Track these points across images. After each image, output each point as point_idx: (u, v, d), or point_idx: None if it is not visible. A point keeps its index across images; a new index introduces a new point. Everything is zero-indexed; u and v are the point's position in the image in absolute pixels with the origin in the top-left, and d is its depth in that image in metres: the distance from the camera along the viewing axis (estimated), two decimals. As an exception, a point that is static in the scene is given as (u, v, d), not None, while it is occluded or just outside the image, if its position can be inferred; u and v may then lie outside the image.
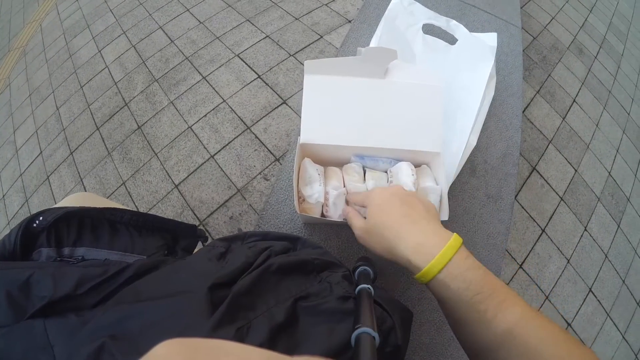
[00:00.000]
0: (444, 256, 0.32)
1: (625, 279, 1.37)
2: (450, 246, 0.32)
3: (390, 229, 0.36)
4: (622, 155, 1.62)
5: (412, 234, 0.35)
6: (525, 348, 0.28)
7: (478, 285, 0.31)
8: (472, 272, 0.31)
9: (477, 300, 0.30)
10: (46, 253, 0.37)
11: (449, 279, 0.31)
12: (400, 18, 0.70)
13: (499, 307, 0.30)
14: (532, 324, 0.29)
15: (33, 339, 0.28)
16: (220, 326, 0.26)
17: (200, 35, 1.70)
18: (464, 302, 0.31)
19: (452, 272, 0.31)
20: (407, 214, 0.36)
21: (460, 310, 0.31)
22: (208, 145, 1.39)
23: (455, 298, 0.31)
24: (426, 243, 0.33)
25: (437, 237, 0.34)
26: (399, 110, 0.52)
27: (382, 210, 0.37)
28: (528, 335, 0.28)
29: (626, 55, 1.97)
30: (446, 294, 0.32)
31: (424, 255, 0.33)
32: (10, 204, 1.49)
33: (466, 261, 0.32)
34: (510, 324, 0.29)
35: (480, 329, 0.30)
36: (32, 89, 1.80)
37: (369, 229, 0.38)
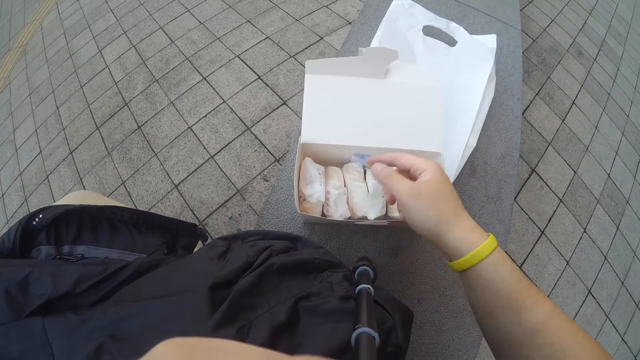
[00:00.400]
0: (492, 243, 0.33)
1: (625, 280, 1.37)
2: (492, 239, 0.34)
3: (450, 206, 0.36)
4: (622, 157, 1.62)
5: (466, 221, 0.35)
6: (551, 344, 0.29)
7: (518, 274, 0.32)
8: (510, 262, 0.33)
9: (518, 288, 0.31)
10: (45, 251, 0.37)
11: (498, 263, 0.32)
12: (401, 20, 0.71)
13: (537, 297, 0.31)
14: (560, 321, 0.30)
15: (31, 337, 0.28)
16: (221, 326, 0.26)
17: (200, 35, 1.70)
18: (508, 287, 0.31)
19: (499, 257, 0.33)
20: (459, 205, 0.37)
21: (502, 296, 0.32)
22: (208, 145, 1.39)
23: (500, 282, 0.32)
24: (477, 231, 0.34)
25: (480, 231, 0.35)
26: (399, 110, 0.52)
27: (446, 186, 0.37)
28: (555, 332, 0.29)
29: (625, 58, 1.98)
30: (492, 277, 0.32)
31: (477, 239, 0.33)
32: (10, 202, 1.49)
33: (504, 253, 0.34)
34: (542, 317, 0.30)
35: (520, 317, 0.31)
36: (32, 88, 1.80)
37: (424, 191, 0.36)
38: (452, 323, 0.59)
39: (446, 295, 0.60)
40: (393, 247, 0.61)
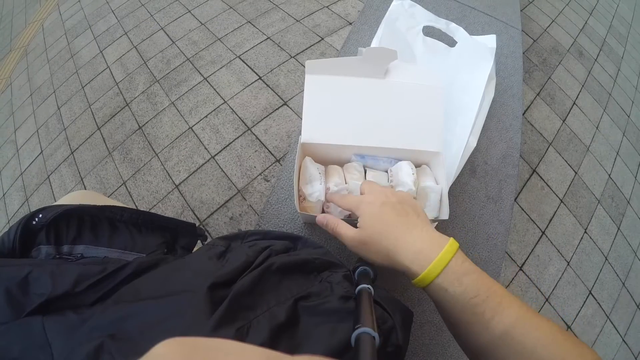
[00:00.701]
0: (441, 261, 0.32)
1: (625, 281, 1.37)
2: (446, 251, 0.33)
3: (388, 238, 0.36)
4: (622, 157, 1.62)
5: (410, 243, 0.35)
6: (522, 349, 0.28)
7: (475, 289, 0.31)
8: (468, 276, 0.32)
9: (474, 304, 0.31)
10: (45, 250, 0.37)
11: (446, 284, 0.32)
12: (401, 20, 0.71)
13: (496, 310, 0.30)
14: (529, 324, 0.29)
15: (31, 336, 0.28)
16: (220, 326, 0.26)
17: (201, 36, 1.71)
18: (461, 305, 0.31)
19: (449, 277, 0.32)
20: (402, 222, 0.36)
21: (458, 313, 0.32)
22: (209, 145, 1.39)
23: (452, 301, 0.32)
24: (424, 250, 0.34)
25: (434, 243, 0.34)
26: (399, 110, 0.52)
27: (378, 221, 0.37)
28: (525, 336, 0.29)
29: (626, 58, 1.98)
30: (444, 297, 0.33)
31: (422, 262, 0.33)
32: (11, 202, 1.49)
33: (462, 265, 0.33)
34: (507, 325, 0.29)
35: (478, 331, 0.31)
36: (33, 89, 1.81)
37: (365, 239, 0.37)
38: (452, 323, 0.59)
39: (446, 295, 0.60)
40: (393, 247, 0.61)
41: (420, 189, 0.50)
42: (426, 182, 0.50)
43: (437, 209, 0.51)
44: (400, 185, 0.49)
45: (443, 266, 0.32)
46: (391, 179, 0.52)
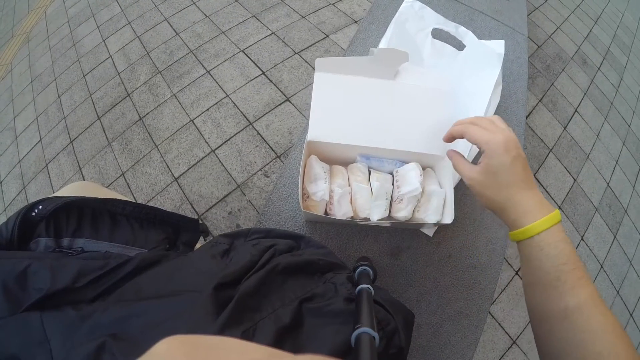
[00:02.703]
0: (546, 222, 0.34)
1: (620, 289, 1.38)
2: (553, 216, 0.35)
3: (509, 189, 0.37)
4: (622, 166, 1.62)
5: (525, 199, 0.37)
6: (586, 326, 0.30)
7: (565, 257, 0.33)
8: (563, 244, 0.34)
9: (561, 270, 0.33)
10: (44, 243, 0.37)
11: (543, 243, 0.34)
12: (411, 22, 0.70)
13: (576, 283, 0.32)
14: (598, 308, 0.31)
15: (29, 332, 0.27)
16: (226, 328, 0.25)
17: (205, 29, 1.69)
18: (550, 267, 0.33)
19: (548, 238, 0.34)
20: (525, 179, 0.38)
21: (544, 274, 0.34)
22: (209, 139, 1.38)
23: (543, 261, 0.34)
24: (534, 209, 0.36)
25: (544, 206, 0.36)
26: (407, 113, 0.52)
27: (507, 171, 0.37)
28: (591, 316, 0.31)
29: (629, 68, 1.98)
30: (537, 255, 0.34)
31: (530, 217, 0.35)
32: (8, 190, 1.48)
33: (561, 233, 0.35)
34: (581, 301, 0.31)
35: (555, 297, 0.33)
36: (34, 76, 1.79)
37: (486, 182, 0.39)
38: (449, 326, 0.59)
39: (445, 298, 0.60)
40: (393, 248, 0.61)
41: (425, 193, 0.50)
42: (431, 186, 0.50)
43: (440, 212, 0.51)
44: (407, 185, 0.49)
45: (547, 227, 0.34)
46: (397, 180, 0.51)
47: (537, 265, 0.34)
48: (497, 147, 0.37)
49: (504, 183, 0.37)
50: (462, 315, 0.60)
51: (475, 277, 0.62)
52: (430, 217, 0.50)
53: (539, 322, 0.35)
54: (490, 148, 0.38)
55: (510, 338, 1.17)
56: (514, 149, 0.37)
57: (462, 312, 0.60)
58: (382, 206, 0.49)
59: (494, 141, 0.38)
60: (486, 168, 0.38)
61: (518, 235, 0.36)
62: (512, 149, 0.37)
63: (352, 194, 0.49)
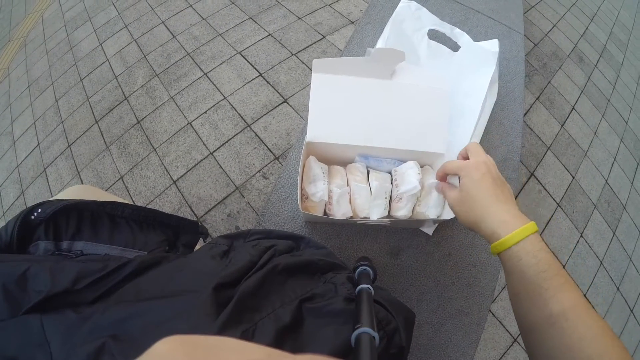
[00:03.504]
0: (522, 232, 0.36)
1: (620, 286, 1.38)
2: (528, 227, 0.36)
3: (481, 202, 0.40)
4: (619, 163, 1.63)
5: (499, 212, 0.39)
6: (573, 333, 0.30)
7: (545, 265, 0.34)
8: (542, 252, 0.35)
9: (542, 278, 0.33)
10: (44, 246, 0.37)
11: (522, 253, 0.35)
12: (407, 22, 0.71)
13: (559, 289, 0.33)
14: (584, 313, 0.31)
15: (29, 334, 0.27)
16: (226, 328, 0.25)
17: (202, 31, 1.69)
18: (531, 276, 0.34)
19: (526, 247, 0.35)
20: (496, 193, 0.40)
21: (525, 283, 0.35)
22: (207, 141, 1.38)
23: (524, 271, 0.35)
24: (509, 221, 0.37)
25: (519, 218, 0.38)
26: (404, 112, 0.52)
27: (476, 186, 0.41)
28: (578, 322, 0.31)
29: (626, 65, 1.99)
30: (517, 265, 0.35)
31: (506, 229, 0.37)
32: (6, 195, 1.47)
33: (539, 243, 0.36)
34: (566, 307, 0.32)
35: (539, 305, 0.33)
36: (31, 80, 1.79)
37: (462, 199, 0.42)
38: (450, 325, 0.59)
39: (445, 297, 0.60)
40: (393, 247, 0.61)
41: (424, 187, 0.50)
42: (430, 180, 0.50)
43: (441, 205, 0.51)
44: (406, 184, 0.49)
45: (523, 237, 0.35)
46: (395, 179, 0.51)
47: (518, 276, 0.35)
48: (468, 168, 0.42)
49: (477, 198, 0.40)
50: (462, 314, 0.60)
51: (475, 276, 0.62)
52: (431, 211, 0.50)
53: (527, 332, 0.35)
54: (462, 171, 0.43)
55: (511, 336, 1.17)
56: (483, 167, 0.42)
57: (462, 311, 0.60)
58: (382, 205, 0.49)
59: (465, 164, 0.43)
60: (461, 187, 0.42)
61: (497, 247, 0.37)
62: (480, 167, 0.42)
63: (351, 193, 0.49)
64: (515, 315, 0.38)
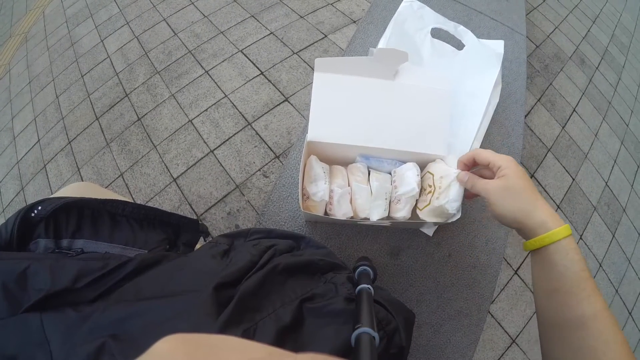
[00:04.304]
0: (565, 230, 0.36)
1: (619, 288, 1.38)
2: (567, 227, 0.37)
3: (529, 194, 0.40)
4: (620, 166, 1.63)
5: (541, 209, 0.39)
6: (600, 336, 0.31)
7: (583, 265, 0.35)
8: (578, 254, 0.36)
9: (581, 277, 0.34)
10: (44, 244, 0.37)
11: (569, 248, 0.35)
12: (410, 21, 0.70)
13: (594, 291, 0.33)
14: (610, 318, 0.32)
15: (28, 333, 0.27)
16: (227, 327, 0.25)
17: (204, 29, 1.69)
18: (573, 273, 0.34)
19: (566, 246, 0.36)
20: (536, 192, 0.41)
21: (565, 280, 0.35)
22: (208, 139, 1.38)
23: (562, 268, 0.35)
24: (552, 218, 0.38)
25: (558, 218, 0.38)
26: (406, 113, 0.52)
27: (523, 177, 0.41)
28: (606, 326, 0.31)
29: (627, 67, 1.98)
30: (556, 262, 0.36)
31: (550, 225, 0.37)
32: (6, 191, 1.47)
33: (575, 244, 0.36)
34: (597, 309, 0.32)
35: (573, 303, 0.34)
36: (32, 76, 1.78)
37: (510, 186, 0.41)
38: (449, 325, 0.59)
39: (445, 297, 0.60)
40: (393, 248, 0.61)
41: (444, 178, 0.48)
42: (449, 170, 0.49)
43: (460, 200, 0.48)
44: (404, 185, 0.49)
45: (565, 235, 0.36)
46: (394, 181, 0.51)
47: (560, 271, 0.35)
48: (512, 161, 0.42)
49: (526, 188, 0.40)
50: (462, 315, 0.60)
51: (474, 277, 0.62)
52: (451, 205, 0.48)
53: (552, 330, 0.36)
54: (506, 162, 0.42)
55: (509, 337, 1.17)
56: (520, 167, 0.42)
57: (462, 312, 0.60)
58: (382, 206, 0.49)
59: (505, 157, 0.43)
60: (506, 178, 0.41)
61: (543, 240, 0.37)
62: (518, 165, 0.42)
63: (351, 194, 0.49)
64: (541, 312, 0.38)
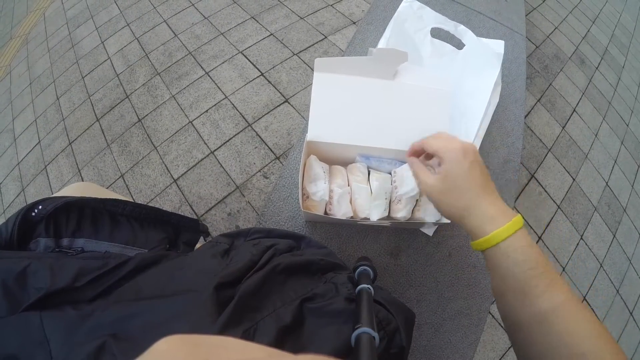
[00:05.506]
0: (511, 228, 0.34)
1: (620, 288, 1.38)
2: (516, 221, 0.34)
3: (469, 195, 0.37)
4: (620, 166, 1.63)
5: (486, 206, 0.36)
6: (563, 330, 0.29)
7: (534, 261, 0.32)
8: (530, 249, 0.33)
9: (531, 275, 0.32)
10: (44, 243, 0.37)
11: (510, 250, 0.33)
12: (409, 21, 0.70)
13: (549, 286, 0.31)
14: (574, 310, 0.30)
15: (28, 332, 0.27)
16: (227, 328, 0.25)
17: (204, 30, 1.70)
18: (519, 273, 0.33)
19: (514, 244, 0.33)
20: (483, 185, 0.37)
21: (513, 281, 0.33)
22: (208, 140, 1.38)
23: (511, 268, 0.33)
24: (496, 216, 0.35)
25: (507, 212, 0.36)
26: (406, 112, 0.52)
27: (464, 175, 0.37)
28: (568, 319, 0.30)
29: (627, 67, 1.99)
30: (504, 263, 0.34)
31: (493, 224, 0.34)
32: (7, 192, 1.47)
33: (527, 238, 0.34)
34: (555, 304, 0.30)
35: (527, 302, 0.32)
36: (32, 78, 1.79)
37: (445, 189, 0.38)
38: (450, 325, 0.59)
39: (445, 297, 0.60)
40: (393, 248, 0.61)
41: None
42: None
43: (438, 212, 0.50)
44: (404, 185, 0.49)
45: (511, 232, 0.33)
46: (394, 181, 0.51)
47: (504, 273, 0.34)
48: (455, 154, 0.38)
49: (463, 189, 0.37)
50: (462, 315, 0.60)
51: (475, 276, 0.62)
52: (429, 217, 0.50)
53: (515, 330, 0.34)
54: (448, 155, 0.38)
55: (510, 338, 1.17)
56: (472, 155, 0.38)
57: (462, 312, 0.60)
58: (382, 206, 0.49)
59: (451, 147, 0.39)
60: (445, 174, 0.38)
61: (482, 244, 0.35)
62: (469, 154, 0.38)
63: (351, 194, 0.49)
64: (500, 313, 0.37)
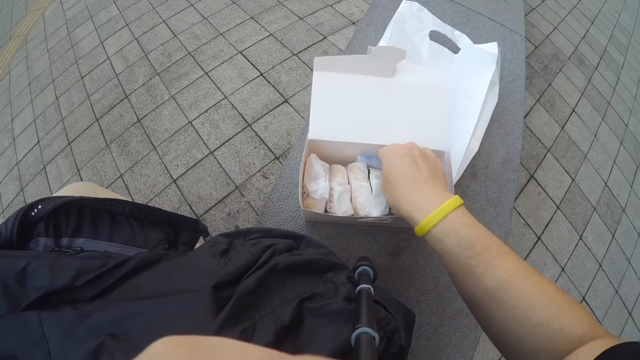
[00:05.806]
0: (439, 213, 0.34)
1: (619, 289, 1.38)
2: (447, 205, 0.35)
3: (400, 188, 0.39)
4: (619, 166, 1.63)
5: (414, 195, 0.38)
6: (515, 302, 0.29)
7: (470, 242, 0.32)
8: (466, 229, 0.33)
9: (468, 255, 0.32)
10: (44, 243, 0.37)
11: (442, 235, 0.34)
12: (409, 22, 0.71)
13: (490, 264, 0.31)
14: (524, 280, 0.30)
15: (27, 332, 0.27)
16: (225, 327, 0.25)
17: (203, 30, 1.69)
18: (456, 256, 0.33)
19: (446, 227, 0.34)
20: (414, 175, 0.39)
21: (453, 264, 0.34)
22: (208, 141, 1.38)
23: (448, 252, 0.34)
24: (426, 203, 0.36)
25: (437, 197, 0.36)
26: (406, 109, 0.52)
27: (393, 170, 0.40)
28: (519, 290, 0.29)
29: (626, 68, 1.99)
30: (440, 248, 0.35)
31: (423, 212, 0.35)
32: (5, 192, 1.47)
33: (461, 219, 0.34)
34: (500, 279, 0.30)
35: (472, 282, 0.32)
36: (32, 78, 1.79)
37: (384, 185, 0.42)
38: (449, 325, 0.59)
39: (445, 297, 0.60)
40: (393, 248, 0.61)
41: None
42: None
43: None
44: None
45: (441, 217, 0.34)
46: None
47: (446, 257, 0.34)
48: (387, 153, 0.42)
49: (394, 183, 0.39)
50: (462, 315, 0.60)
51: (474, 276, 0.62)
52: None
53: (473, 308, 0.35)
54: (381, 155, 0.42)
55: (509, 338, 1.17)
56: (403, 149, 0.41)
57: (462, 312, 0.60)
58: (382, 204, 0.49)
59: (385, 149, 0.43)
60: (383, 173, 0.42)
61: (417, 232, 0.36)
62: (400, 149, 0.41)
63: (351, 192, 0.50)
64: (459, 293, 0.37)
